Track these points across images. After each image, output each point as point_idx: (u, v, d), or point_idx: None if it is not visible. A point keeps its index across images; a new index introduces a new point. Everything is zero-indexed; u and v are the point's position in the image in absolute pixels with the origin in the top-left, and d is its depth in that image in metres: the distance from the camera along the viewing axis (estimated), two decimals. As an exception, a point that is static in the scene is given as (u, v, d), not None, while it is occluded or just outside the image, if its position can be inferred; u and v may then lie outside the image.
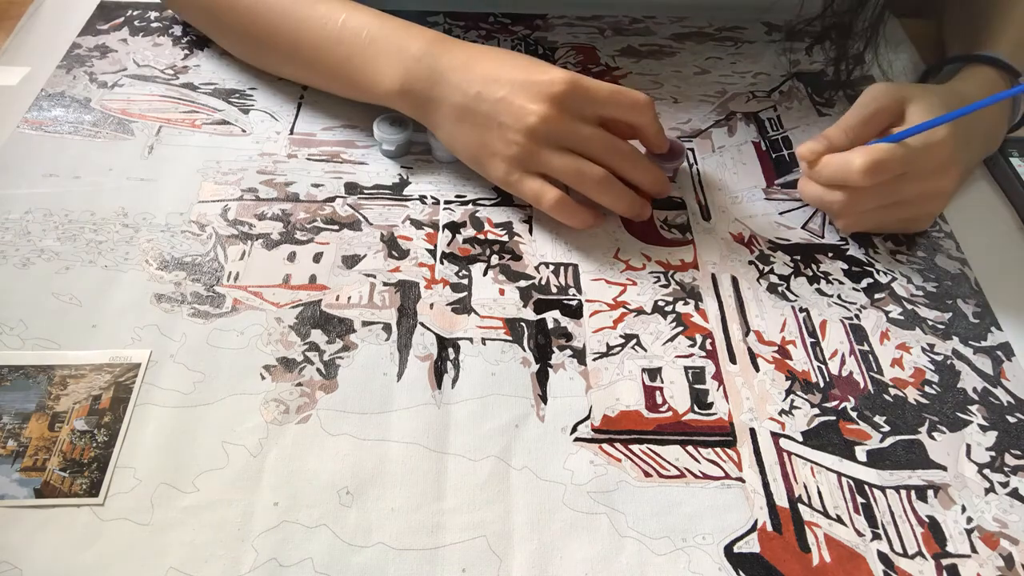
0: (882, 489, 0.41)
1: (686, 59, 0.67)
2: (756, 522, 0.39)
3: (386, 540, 0.38)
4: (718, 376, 0.45)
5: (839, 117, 0.49)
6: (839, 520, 0.39)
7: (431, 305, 0.48)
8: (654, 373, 0.45)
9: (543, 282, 0.50)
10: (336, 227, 0.52)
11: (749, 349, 0.47)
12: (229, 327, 0.46)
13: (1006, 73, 0.54)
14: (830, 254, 0.52)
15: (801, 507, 0.40)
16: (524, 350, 0.46)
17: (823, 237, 0.53)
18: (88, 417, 0.42)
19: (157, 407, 0.42)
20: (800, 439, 0.43)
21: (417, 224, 0.53)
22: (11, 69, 0.63)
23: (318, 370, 0.44)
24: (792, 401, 0.44)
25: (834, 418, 0.43)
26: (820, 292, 0.50)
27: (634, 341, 0.47)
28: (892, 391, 0.45)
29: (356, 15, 0.53)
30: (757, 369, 0.46)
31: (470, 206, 0.54)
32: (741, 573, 0.37)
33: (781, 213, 0.55)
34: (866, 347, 0.47)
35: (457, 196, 0.55)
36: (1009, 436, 0.43)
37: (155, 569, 0.37)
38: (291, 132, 0.59)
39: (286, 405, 0.43)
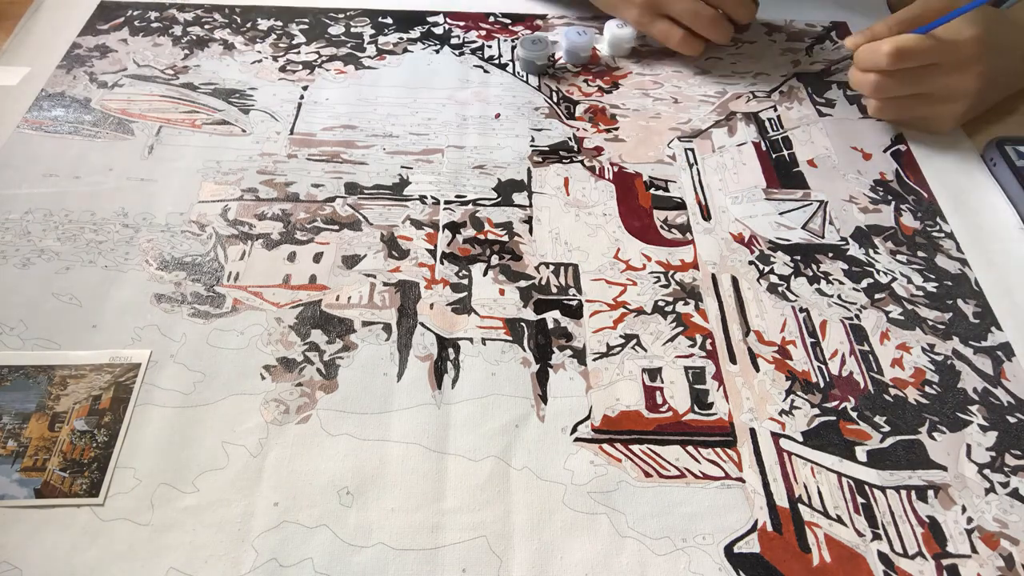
0: (882, 489, 0.41)
1: (686, 59, 0.67)
2: (756, 522, 0.39)
3: (386, 540, 0.38)
4: (718, 376, 0.45)
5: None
6: (839, 520, 0.39)
7: (431, 305, 0.48)
8: (654, 373, 0.45)
9: (543, 282, 0.50)
10: (336, 227, 0.52)
11: (749, 349, 0.47)
12: (229, 327, 0.46)
13: None
14: (830, 254, 0.52)
15: (801, 507, 0.40)
16: (524, 350, 0.46)
17: (823, 237, 0.53)
18: (88, 417, 0.42)
19: (157, 407, 0.42)
20: (800, 439, 0.43)
21: (417, 224, 0.53)
22: (11, 69, 0.63)
23: (318, 370, 0.44)
24: (792, 401, 0.44)
25: (834, 418, 0.43)
26: (820, 292, 0.50)
27: (634, 341, 0.47)
28: (892, 391, 0.45)
29: None
30: (757, 369, 0.46)
31: (470, 206, 0.54)
32: (741, 573, 0.37)
33: (781, 213, 0.55)
34: (866, 347, 0.47)
35: (457, 196, 0.55)
36: (1009, 436, 0.43)
37: (155, 569, 0.37)
38: (291, 132, 0.59)
39: (286, 405, 0.43)
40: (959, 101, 0.57)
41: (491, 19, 0.71)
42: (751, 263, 0.51)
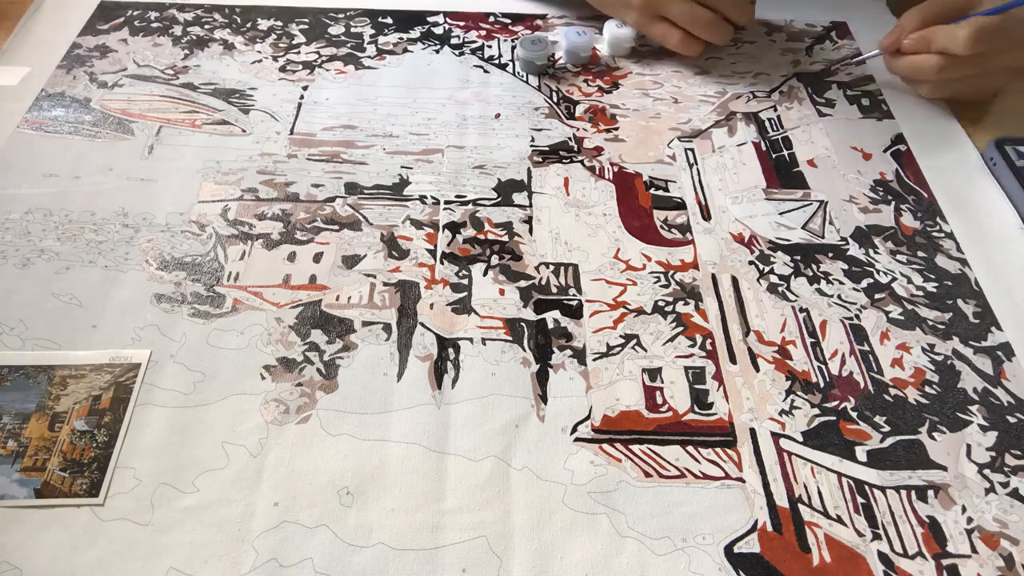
0: (882, 489, 0.41)
1: (686, 59, 0.67)
2: (756, 522, 0.39)
3: (386, 540, 0.38)
4: (718, 376, 0.45)
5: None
6: (839, 520, 0.39)
7: (431, 305, 0.48)
8: (654, 373, 0.45)
9: (543, 282, 0.50)
10: (336, 227, 0.52)
11: (749, 349, 0.47)
12: (229, 327, 0.46)
13: None
14: (830, 254, 0.52)
15: (801, 507, 0.40)
16: (524, 350, 0.46)
17: (823, 237, 0.53)
18: (88, 417, 0.42)
19: (157, 407, 0.42)
20: (800, 439, 0.43)
21: (417, 224, 0.53)
22: (11, 69, 0.63)
23: (318, 370, 0.44)
24: (792, 401, 0.44)
25: (834, 418, 0.43)
26: (820, 292, 0.50)
27: (634, 341, 0.47)
28: (892, 391, 0.45)
29: None
30: (757, 369, 0.46)
31: (470, 206, 0.54)
32: (741, 573, 0.37)
33: (781, 213, 0.55)
34: (866, 347, 0.47)
35: (457, 196, 0.55)
36: (1009, 436, 0.43)
37: (155, 569, 0.37)
38: (291, 132, 0.59)
39: (286, 405, 0.43)
40: (1007, 76, 0.60)
41: (491, 19, 0.71)
42: (751, 263, 0.51)
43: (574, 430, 0.42)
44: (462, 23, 0.70)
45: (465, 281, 0.49)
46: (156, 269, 0.49)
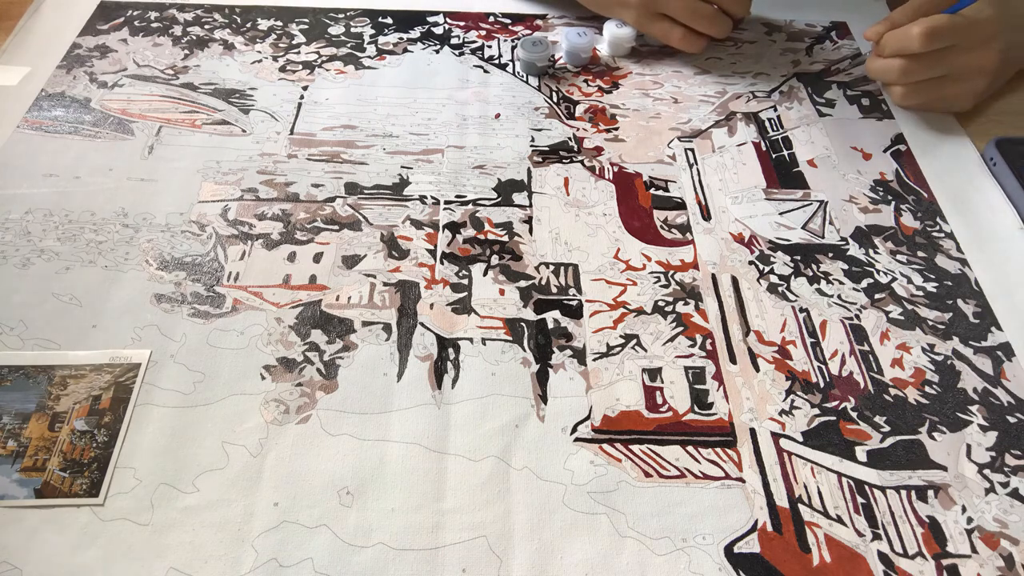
0: (882, 489, 0.41)
1: (686, 59, 0.67)
2: (756, 522, 0.39)
3: (386, 540, 0.38)
4: (718, 376, 0.45)
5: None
6: (839, 520, 0.39)
7: (431, 305, 0.48)
8: (654, 373, 0.45)
9: (543, 282, 0.50)
10: (336, 227, 0.52)
11: (749, 349, 0.47)
12: (229, 327, 0.46)
13: None
14: (830, 254, 0.52)
15: (801, 507, 0.40)
16: (524, 350, 0.46)
17: (823, 237, 0.53)
18: (88, 417, 0.42)
19: (157, 407, 0.42)
20: (800, 439, 0.43)
21: (417, 224, 0.53)
22: (11, 69, 0.63)
23: (318, 370, 0.44)
24: (792, 401, 0.44)
25: (834, 418, 0.43)
26: (820, 292, 0.50)
27: (634, 341, 0.47)
28: (892, 391, 0.45)
29: None
30: (757, 369, 0.46)
31: (470, 206, 0.54)
32: (741, 573, 0.37)
33: (781, 213, 0.55)
34: (866, 347, 0.47)
35: (457, 196, 0.55)
36: (1009, 436, 0.43)
37: (155, 569, 0.37)
38: (291, 132, 0.59)
39: (286, 405, 0.43)
40: (979, 79, 0.59)
41: (491, 19, 0.71)
42: (751, 263, 0.51)
43: (574, 430, 0.42)
44: (462, 23, 0.70)
45: (465, 281, 0.49)
46: (156, 269, 0.49)
